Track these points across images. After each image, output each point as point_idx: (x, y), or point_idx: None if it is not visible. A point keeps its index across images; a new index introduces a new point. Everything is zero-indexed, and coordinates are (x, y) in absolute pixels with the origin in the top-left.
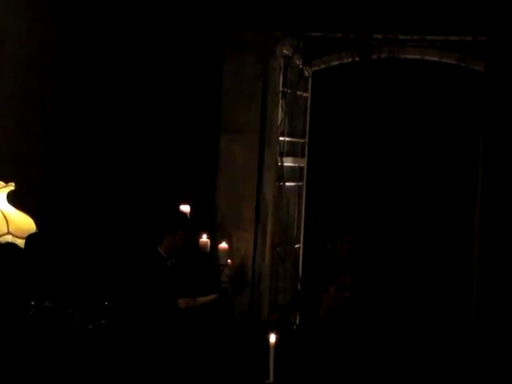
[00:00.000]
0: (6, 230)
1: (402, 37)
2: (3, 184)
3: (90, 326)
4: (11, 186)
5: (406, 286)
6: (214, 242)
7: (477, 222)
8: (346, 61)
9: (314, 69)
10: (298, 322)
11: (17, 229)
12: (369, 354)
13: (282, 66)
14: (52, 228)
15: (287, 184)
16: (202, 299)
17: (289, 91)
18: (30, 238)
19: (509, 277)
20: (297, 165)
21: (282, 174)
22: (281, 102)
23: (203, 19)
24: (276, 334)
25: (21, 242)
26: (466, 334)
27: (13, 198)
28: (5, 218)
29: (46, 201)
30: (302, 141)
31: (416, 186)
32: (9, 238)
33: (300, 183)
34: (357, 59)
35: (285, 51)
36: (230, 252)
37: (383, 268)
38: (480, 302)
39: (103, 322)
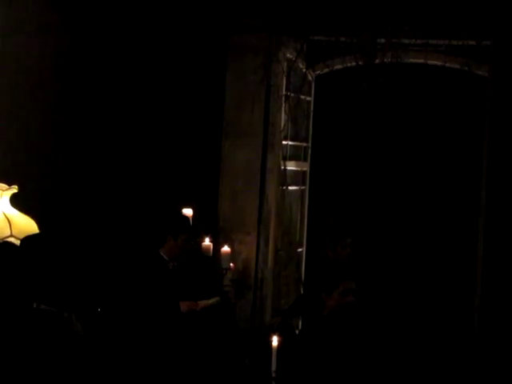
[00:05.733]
0: (9, 233)
1: (405, 41)
2: (6, 187)
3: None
4: (14, 189)
5: (408, 289)
6: (217, 246)
7: (481, 225)
8: (349, 65)
9: (317, 73)
10: (300, 325)
11: (20, 232)
12: (372, 358)
13: (285, 69)
14: (47, 230)
15: (290, 188)
16: (203, 302)
17: (292, 95)
18: (25, 240)
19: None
20: (299, 169)
21: (284, 178)
22: (284, 105)
23: (206, 23)
24: (278, 337)
25: None
26: (470, 337)
27: (16, 201)
28: (8, 220)
29: (48, 203)
30: (304, 145)
31: (419, 190)
32: (12, 241)
33: (303, 187)
34: (360, 63)
35: (288, 55)
36: (232, 256)
37: (386, 271)
38: (483, 305)
39: (96, 326)
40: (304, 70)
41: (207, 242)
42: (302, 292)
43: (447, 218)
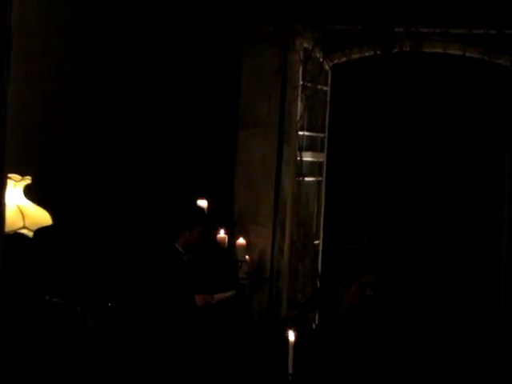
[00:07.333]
0: (21, 224)
1: (424, 30)
2: (19, 178)
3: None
4: (27, 180)
5: (426, 282)
6: (232, 238)
7: (505, 213)
8: (367, 54)
9: (334, 62)
10: (317, 319)
11: (33, 223)
12: (389, 352)
13: (301, 59)
14: (61, 222)
15: (306, 179)
16: (219, 296)
17: (308, 85)
18: (37, 232)
19: None
20: (316, 159)
21: (300, 169)
22: (300, 95)
23: (222, 12)
24: (295, 331)
25: None
26: (493, 330)
27: (29, 192)
28: (21, 212)
29: (62, 195)
30: (321, 135)
31: (439, 181)
32: (25, 233)
33: (319, 178)
34: (378, 52)
35: (305, 44)
36: (247, 248)
37: (403, 264)
38: (508, 289)
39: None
40: (321, 60)
41: (222, 234)
42: (318, 285)
43: (469, 209)
